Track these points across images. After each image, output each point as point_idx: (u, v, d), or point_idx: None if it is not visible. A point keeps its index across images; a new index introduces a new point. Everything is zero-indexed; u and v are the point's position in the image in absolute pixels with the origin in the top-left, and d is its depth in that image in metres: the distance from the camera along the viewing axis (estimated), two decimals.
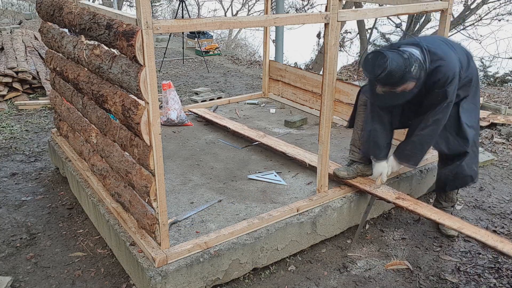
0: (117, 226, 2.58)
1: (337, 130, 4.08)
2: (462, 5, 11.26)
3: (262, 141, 3.64)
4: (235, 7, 21.03)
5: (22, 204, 3.42)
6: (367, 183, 2.97)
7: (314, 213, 2.76)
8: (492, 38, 11.23)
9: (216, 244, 2.40)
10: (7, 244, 2.92)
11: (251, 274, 2.61)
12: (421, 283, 2.58)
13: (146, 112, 2.03)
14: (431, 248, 2.90)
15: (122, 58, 2.14)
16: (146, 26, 1.88)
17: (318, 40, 12.84)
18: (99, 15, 2.24)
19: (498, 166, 4.10)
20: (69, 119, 3.18)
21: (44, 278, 2.62)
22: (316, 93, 4.44)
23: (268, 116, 4.50)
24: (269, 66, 4.95)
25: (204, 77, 7.57)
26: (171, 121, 4.18)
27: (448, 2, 3.10)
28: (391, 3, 3.34)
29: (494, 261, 2.76)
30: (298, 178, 3.18)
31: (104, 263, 2.75)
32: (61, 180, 3.76)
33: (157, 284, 2.18)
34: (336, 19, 2.55)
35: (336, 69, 2.70)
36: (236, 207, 2.78)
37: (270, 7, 4.51)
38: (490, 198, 3.53)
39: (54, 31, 3.05)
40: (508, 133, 4.77)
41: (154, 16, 17.63)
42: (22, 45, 7.17)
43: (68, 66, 2.87)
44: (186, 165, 3.39)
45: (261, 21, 2.35)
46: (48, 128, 4.97)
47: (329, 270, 2.69)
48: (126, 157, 2.42)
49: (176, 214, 2.69)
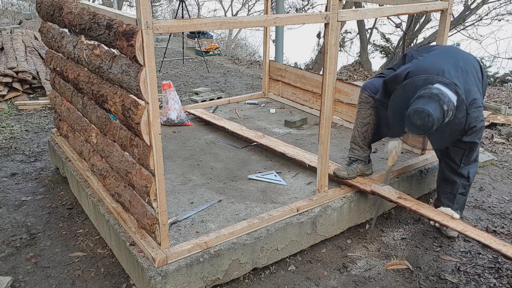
0: (117, 226, 2.58)
1: (337, 130, 4.08)
2: (462, 5, 11.26)
3: (260, 142, 3.64)
4: (235, 7, 21.04)
5: (22, 204, 3.42)
6: (367, 183, 2.97)
7: (314, 213, 2.76)
8: (492, 38, 11.24)
9: (216, 244, 2.40)
10: (7, 244, 2.92)
11: (251, 274, 2.61)
12: (421, 283, 2.58)
13: (146, 112, 2.03)
14: (431, 248, 2.90)
15: (122, 58, 2.14)
16: (146, 26, 1.88)
17: (318, 40, 12.85)
18: (99, 15, 2.24)
19: (498, 166, 4.10)
20: (69, 119, 3.18)
21: (44, 278, 2.62)
22: (316, 93, 4.44)
23: (268, 116, 4.50)
24: (269, 66, 4.95)
25: (204, 77, 7.57)
26: (171, 121, 4.18)
27: (448, 2, 3.10)
28: (391, 3, 3.34)
29: (494, 261, 2.76)
30: (298, 178, 3.18)
31: (104, 263, 2.75)
32: (61, 180, 3.76)
33: (157, 284, 2.18)
34: (336, 19, 2.55)
35: (336, 69, 2.71)
36: (236, 207, 2.78)
37: (270, 7, 4.51)
38: (490, 198, 3.53)
39: (54, 31, 3.05)
40: (508, 133, 4.77)
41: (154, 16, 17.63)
42: (22, 45, 7.17)
43: (68, 66, 2.87)
44: (186, 165, 3.39)
45: (261, 21, 2.35)
46: (48, 128, 4.97)
47: (329, 270, 2.69)
48: (126, 157, 2.42)
49: (176, 214, 2.69)
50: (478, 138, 2.68)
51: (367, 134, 3.02)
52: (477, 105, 2.57)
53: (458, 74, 2.58)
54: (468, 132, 2.60)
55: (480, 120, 2.60)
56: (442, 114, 2.40)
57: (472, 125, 2.57)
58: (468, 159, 2.74)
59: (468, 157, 2.73)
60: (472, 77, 2.65)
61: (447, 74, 2.54)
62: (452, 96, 2.45)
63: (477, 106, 2.57)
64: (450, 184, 2.82)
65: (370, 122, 2.99)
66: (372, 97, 2.95)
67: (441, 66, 2.59)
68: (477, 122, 2.58)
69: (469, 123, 2.56)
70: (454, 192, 2.81)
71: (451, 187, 2.82)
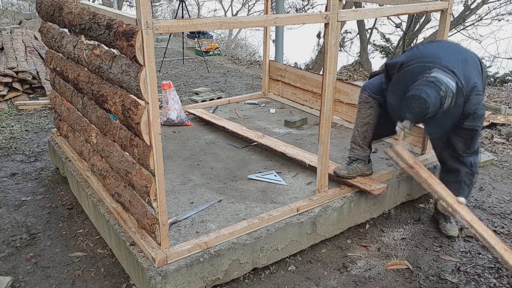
0: (117, 226, 2.58)
1: (337, 130, 4.08)
2: (462, 5, 11.26)
3: (260, 142, 3.64)
4: (235, 7, 21.05)
5: (22, 204, 3.42)
6: (367, 183, 2.97)
7: (314, 213, 2.76)
8: (492, 38, 11.24)
9: (216, 244, 2.40)
10: (7, 244, 2.92)
11: (251, 274, 2.61)
12: (421, 283, 2.58)
13: (146, 112, 2.03)
14: (431, 248, 2.90)
15: (122, 58, 2.14)
16: (146, 26, 1.88)
17: (318, 40, 12.85)
18: (99, 15, 2.24)
19: (498, 166, 4.10)
20: (69, 119, 3.18)
21: (44, 278, 2.62)
22: (316, 93, 4.44)
23: (268, 116, 4.50)
24: (269, 66, 4.95)
25: (204, 77, 7.57)
26: (171, 121, 4.18)
27: (448, 2, 3.10)
28: (391, 3, 3.34)
29: (494, 261, 2.76)
30: (298, 178, 3.18)
31: (104, 263, 2.75)
32: (61, 180, 3.76)
33: (157, 284, 2.18)
34: (336, 19, 2.55)
35: (336, 69, 2.70)
36: (236, 207, 2.78)
37: (270, 7, 4.51)
38: (490, 198, 3.53)
39: (54, 31, 3.05)
40: (508, 133, 4.77)
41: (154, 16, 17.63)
42: (22, 45, 7.17)
43: (68, 66, 2.87)
44: (186, 165, 3.39)
45: (261, 21, 2.35)
46: (48, 128, 4.97)
47: (329, 270, 2.69)
48: (126, 157, 2.42)
49: (176, 214, 2.69)
50: (479, 126, 2.65)
51: (367, 134, 3.02)
52: (477, 91, 2.55)
53: (457, 63, 2.57)
54: (469, 117, 2.58)
55: (480, 107, 2.58)
56: (439, 100, 2.38)
57: (472, 111, 2.55)
58: (470, 147, 2.72)
59: (470, 145, 2.71)
60: (471, 68, 2.63)
61: (445, 62, 2.53)
62: (449, 82, 2.43)
63: (477, 92, 2.55)
64: (454, 173, 2.81)
65: (370, 122, 2.99)
66: (372, 97, 2.95)
67: (439, 54, 2.59)
68: (478, 108, 2.56)
69: (469, 108, 2.54)
70: (459, 180, 2.78)
71: (456, 175, 2.79)
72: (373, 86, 2.97)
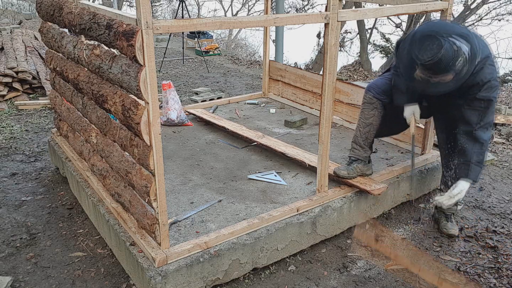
0: (117, 226, 2.58)
1: (337, 130, 4.08)
2: (462, 5, 11.26)
3: (260, 142, 3.64)
4: (235, 7, 21.05)
5: (22, 204, 3.42)
6: (367, 183, 2.97)
7: (314, 213, 2.76)
8: (492, 38, 11.25)
9: (216, 244, 2.40)
10: (7, 244, 2.92)
11: (251, 274, 2.61)
12: (421, 283, 2.58)
13: (146, 112, 2.03)
14: (431, 248, 2.90)
15: (122, 58, 2.14)
16: (146, 26, 1.88)
17: (318, 40, 12.86)
18: (99, 15, 2.24)
19: (498, 166, 4.10)
20: (69, 119, 3.18)
21: (44, 278, 2.62)
22: (316, 93, 4.44)
23: (268, 116, 4.50)
24: (269, 66, 4.95)
25: (204, 77, 7.57)
26: (171, 121, 4.18)
27: (448, 2, 3.10)
28: (391, 3, 3.34)
29: (494, 261, 2.76)
30: (298, 178, 3.18)
31: (104, 263, 2.75)
32: (61, 180, 3.76)
33: (157, 284, 2.18)
34: (336, 19, 2.55)
35: (336, 69, 2.70)
36: (236, 207, 2.78)
37: (270, 7, 4.51)
38: (490, 198, 3.53)
39: (54, 31, 3.05)
40: (508, 133, 4.77)
41: (154, 16, 17.63)
42: (22, 45, 7.17)
43: (68, 66, 2.87)
44: (186, 165, 3.39)
45: (261, 21, 2.35)
46: (48, 128, 4.97)
47: (329, 270, 2.69)
48: (126, 157, 2.42)
49: (176, 214, 2.69)
50: (494, 97, 2.59)
51: (369, 135, 3.02)
52: (491, 61, 2.52)
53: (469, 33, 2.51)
54: (484, 86, 2.53)
55: (495, 78, 2.53)
56: (453, 52, 2.31)
57: (487, 79, 2.51)
58: (483, 119, 2.63)
59: (483, 117, 2.62)
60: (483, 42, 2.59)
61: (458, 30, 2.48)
62: (463, 46, 2.36)
63: (491, 62, 2.52)
64: (463, 154, 2.71)
65: (372, 123, 2.99)
66: (377, 98, 2.94)
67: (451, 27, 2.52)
68: (492, 77, 2.52)
69: (484, 77, 2.50)
70: (467, 161, 2.68)
71: (464, 156, 2.70)
72: (377, 87, 2.96)
